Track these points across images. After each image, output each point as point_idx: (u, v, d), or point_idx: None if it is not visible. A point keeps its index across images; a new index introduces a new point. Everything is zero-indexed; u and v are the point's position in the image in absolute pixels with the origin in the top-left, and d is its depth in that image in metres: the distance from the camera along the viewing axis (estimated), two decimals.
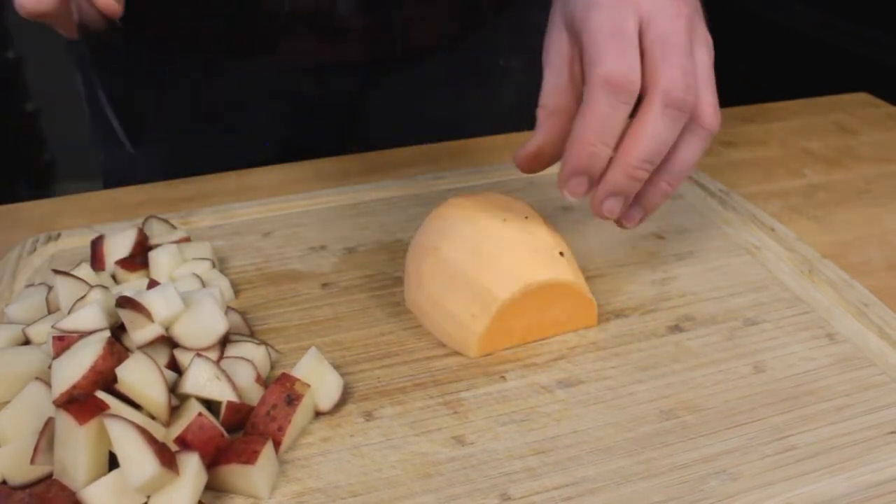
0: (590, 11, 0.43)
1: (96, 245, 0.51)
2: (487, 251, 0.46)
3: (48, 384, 0.38)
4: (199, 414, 0.37)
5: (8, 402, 0.38)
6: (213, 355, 0.42)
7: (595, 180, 0.44)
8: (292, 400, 0.39)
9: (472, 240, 0.46)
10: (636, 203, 0.46)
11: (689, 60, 0.43)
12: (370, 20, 0.67)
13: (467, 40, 0.73)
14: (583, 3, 0.44)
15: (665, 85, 0.42)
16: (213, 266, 0.52)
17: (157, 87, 0.72)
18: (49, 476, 0.36)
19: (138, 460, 0.34)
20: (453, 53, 0.73)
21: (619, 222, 0.46)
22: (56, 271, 0.46)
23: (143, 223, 0.55)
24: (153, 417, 0.38)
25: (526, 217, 0.48)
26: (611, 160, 0.43)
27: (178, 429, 0.37)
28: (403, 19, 0.69)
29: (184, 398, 0.39)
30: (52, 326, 0.42)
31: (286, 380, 0.40)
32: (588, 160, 0.43)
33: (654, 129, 0.42)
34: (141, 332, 0.41)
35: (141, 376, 0.38)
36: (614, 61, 0.42)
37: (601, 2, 0.43)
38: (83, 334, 0.40)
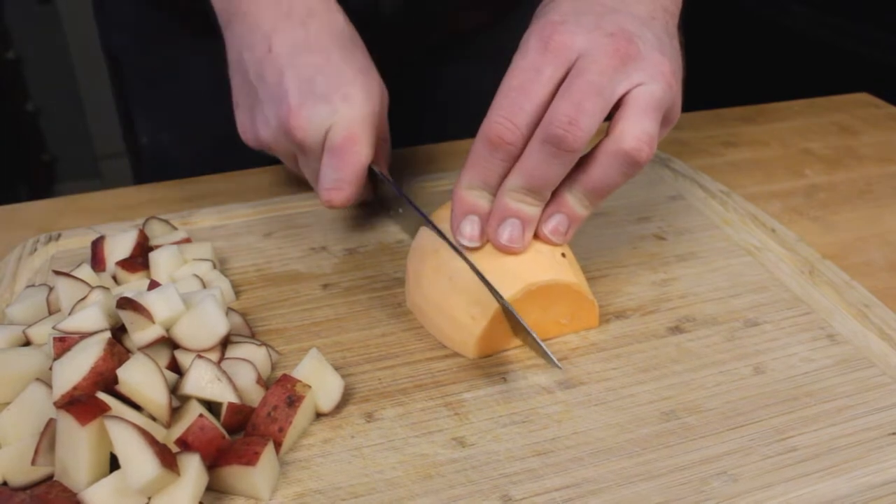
0: (516, 55, 0.44)
1: (97, 246, 0.51)
2: (489, 252, 0.46)
3: (49, 385, 0.38)
4: (200, 415, 0.37)
5: (9, 403, 0.38)
6: (214, 356, 0.42)
7: (484, 220, 0.45)
8: (293, 401, 0.39)
9: None
10: (558, 212, 0.45)
11: (591, 97, 0.41)
12: (413, 15, 0.68)
13: (499, 25, 0.74)
14: (522, 40, 0.44)
15: (547, 119, 0.41)
16: (214, 267, 0.52)
17: (198, 73, 0.73)
18: (50, 477, 0.36)
19: (139, 461, 0.34)
20: (484, 38, 0.74)
21: (546, 239, 0.46)
22: (57, 272, 0.46)
23: (144, 224, 0.55)
24: (154, 419, 0.38)
25: None
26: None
27: (178, 430, 0.37)
28: (445, 10, 0.70)
29: (184, 399, 0.39)
30: (53, 327, 0.42)
31: (287, 381, 0.40)
32: (471, 205, 0.45)
33: (528, 164, 0.42)
34: (142, 334, 0.41)
35: (142, 377, 0.38)
36: (497, 118, 0.42)
37: (529, 45, 0.43)
38: (84, 335, 0.40)
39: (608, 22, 0.43)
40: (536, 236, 0.46)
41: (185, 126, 0.76)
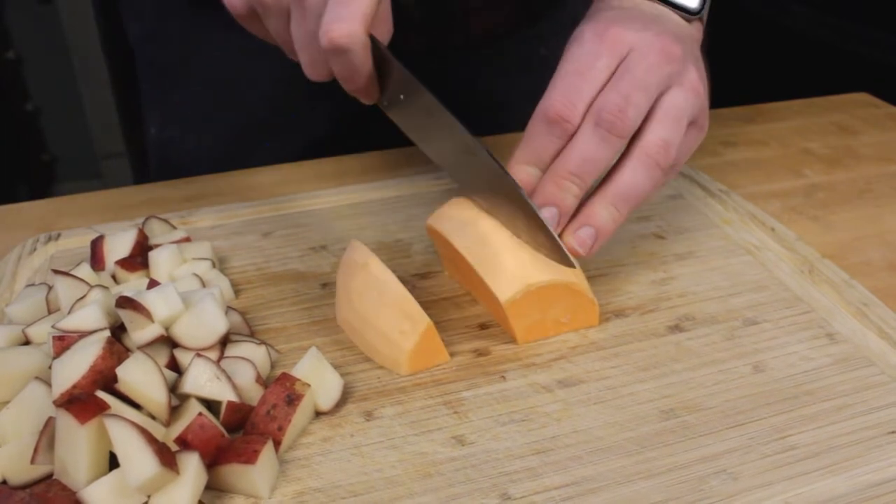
0: (571, 45, 0.47)
1: (96, 245, 0.51)
2: (488, 252, 0.46)
3: (48, 384, 0.38)
4: (200, 414, 0.37)
5: (8, 402, 0.38)
6: (214, 355, 0.42)
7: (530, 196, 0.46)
8: (292, 400, 0.39)
9: (476, 240, 0.46)
10: (587, 224, 0.46)
11: (638, 91, 0.44)
12: (430, 10, 0.68)
13: (520, 33, 0.75)
14: (574, 34, 0.47)
15: (598, 105, 0.44)
16: (213, 266, 0.52)
17: (210, 68, 0.73)
18: (49, 476, 0.36)
19: (138, 460, 0.34)
20: (505, 44, 0.75)
21: (572, 250, 0.46)
22: (56, 271, 0.46)
23: (144, 223, 0.55)
24: (153, 417, 0.38)
25: None
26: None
27: (178, 428, 0.37)
28: (462, 10, 0.70)
29: (184, 398, 0.39)
30: (53, 326, 0.42)
31: (286, 380, 0.40)
32: (521, 180, 0.46)
33: (581, 144, 0.44)
34: (141, 333, 0.41)
35: (141, 376, 0.38)
36: (557, 97, 0.45)
37: (584, 37, 0.46)
38: (83, 334, 0.40)
39: (653, 26, 0.47)
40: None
41: (195, 119, 0.76)
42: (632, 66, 0.45)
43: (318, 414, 0.42)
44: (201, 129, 0.76)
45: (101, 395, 0.37)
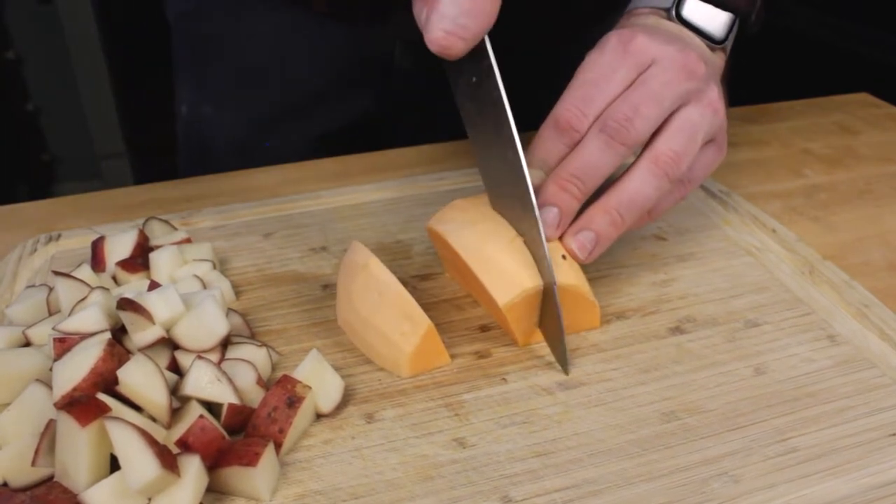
0: (593, 51, 0.47)
1: (97, 246, 0.51)
2: (487, 254, 0.45)
3: (49, 386, 0.38)
4: (201, 416, 0.37)
5: (8, 403, 0.38)
6: (214, 357, 0.42)
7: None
8: (293, 402, 0.39)
9: (476, 242, 0.46)
10: (587, 228, 0.46)
11: (651, 103, 0.45)
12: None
13: (563, 44, 0.74)
14: (599, 40, 0.47)
15: (607, 114, 0.45)
16: (214, 267, 0.52)
17: (246, 47, 0.73)
18: (50, 478, 0.36)
19: (139, 462, 0.34)
20: (544, 53, 0.74)
21: (572, 254, 0.46)
22: (56, 272, 0.46)
23: (144, 224, 0.55)
24: (154, 419, 0.38)
25: None
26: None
27: (179, 431, 0.37)
28: (509, 15, 0.70)
29: (185, 400, 0.39)
30: (53, 328, 0.42)
31: (287, 382, 0.40)
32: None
33: (584, 149, 0.45)
34: (142, 334, 0.41)
35: (142, 378, 0.37)
36: (569, 105, 0.45)
37: (608, 45, 0.47)
38: (84, 336, 0.40)
39: (678, 42, 0.47)
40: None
41: (228, 96, 0.76)
42: (649, 78, 0.45)
43: (319, 416, 0.42)
44: (234, 107, 0.76)
45: (102, 397, 0.37)
